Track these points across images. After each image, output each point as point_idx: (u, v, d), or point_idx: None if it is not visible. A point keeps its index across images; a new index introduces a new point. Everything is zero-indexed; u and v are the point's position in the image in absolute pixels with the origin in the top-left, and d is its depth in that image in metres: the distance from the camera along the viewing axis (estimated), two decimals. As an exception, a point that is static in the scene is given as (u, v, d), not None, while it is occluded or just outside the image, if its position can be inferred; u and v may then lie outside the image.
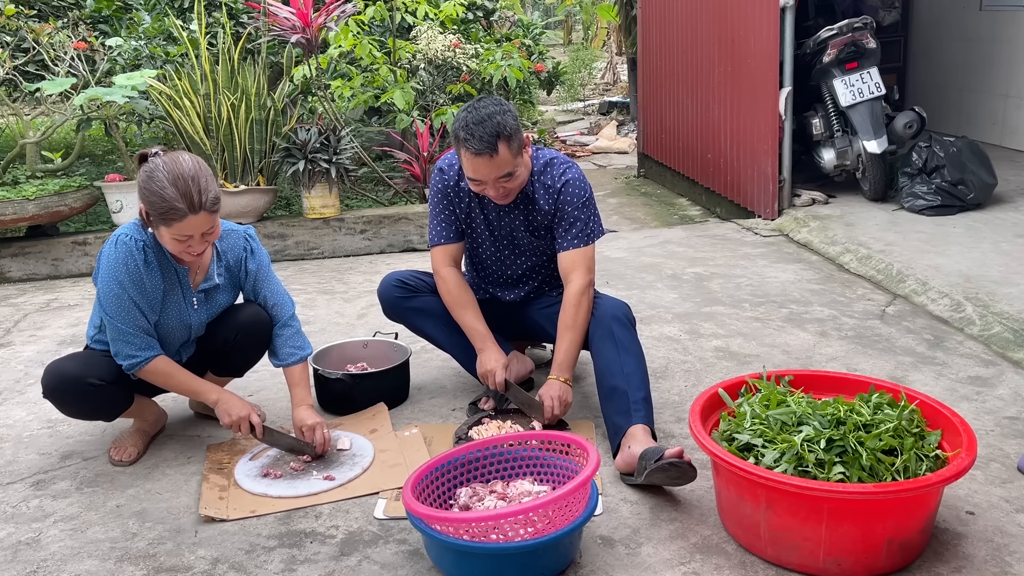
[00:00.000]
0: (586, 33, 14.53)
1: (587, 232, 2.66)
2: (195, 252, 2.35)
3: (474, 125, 2.43)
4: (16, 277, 4.78)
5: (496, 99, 2.52)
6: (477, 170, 2.50)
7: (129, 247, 2.37)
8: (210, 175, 2.32)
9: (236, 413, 2.45)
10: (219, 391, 2.51)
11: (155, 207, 2.25)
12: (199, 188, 2.25)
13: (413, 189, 5.42)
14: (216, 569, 2.06)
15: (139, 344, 2.42)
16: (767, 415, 2.06)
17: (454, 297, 2.74)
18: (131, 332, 2.40)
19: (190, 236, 2.29)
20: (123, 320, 2.38)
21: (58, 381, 2.42)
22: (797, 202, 5.17)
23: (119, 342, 2.42)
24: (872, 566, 1.90)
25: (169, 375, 2.48)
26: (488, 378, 2.66)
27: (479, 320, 2.73)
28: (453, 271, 2.76)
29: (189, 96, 4.85)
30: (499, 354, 2.69)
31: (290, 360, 2.60)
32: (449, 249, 2.76)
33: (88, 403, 2.47)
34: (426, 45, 5.80)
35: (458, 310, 2.74)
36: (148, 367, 2.44)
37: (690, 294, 3.96)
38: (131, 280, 2.37)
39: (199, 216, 2.26)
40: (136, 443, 2.64)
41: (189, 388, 2.52)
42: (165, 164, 2.26)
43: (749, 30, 5.07)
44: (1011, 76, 6.18)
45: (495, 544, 1.88)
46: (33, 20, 6.07)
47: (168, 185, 2.23)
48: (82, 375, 2.41)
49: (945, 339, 3.28)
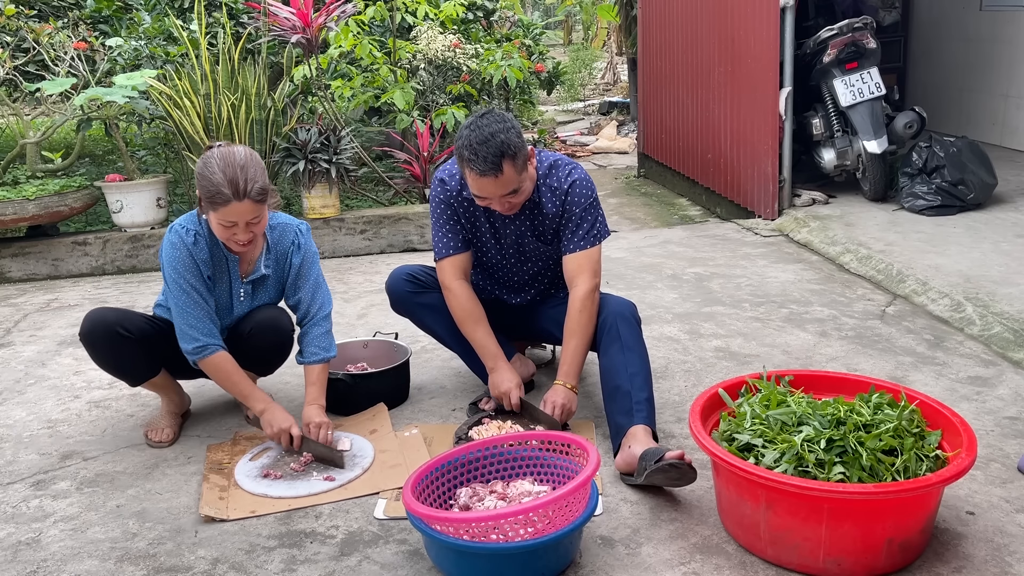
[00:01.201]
0: (586, 33, 14.53)
1: (593, 234, 2.65)
2: (241, 241, 2.44)
3: (478, 145, 2.40)
4: (16, 277, 4.79)
5: (499, 115, 2.47)
6: (483, 189, 2.48)
7: (179, 234, 2.51)
8: (260, 167, 2.42)
9: (278, 426, 2.54)
10: (266, 401, 2.58)
11: (205, 191, 2.38)
12: (246, 177, 2.35)
13: (413, 189, 5.42)
14: (216, 569, 2.06)
15: (202, 329, 2.52)
16: (767, 415, 2.06)
17: (466, 312, 2.71)
18: (194, 316, 2.51)
19: (235, 223, 2.39)
20: (186, 304, 2.51)
21: (91, 324, 2.55)
22: (797, 202, 5.17)
23: (184, 326, 2.52)
24: (872, 566, 1.91)
25: (228, 373, 2.57)
26: (504, 400, 2.66)
27: (490, 337, 2.71)
28: (463, 285, 2.72)
29: (189, 96, 4.85)
30: (511, 373, 2.68)
31: (312, 359, 2.65)
32: (457, 260, 2.72)
33: (114, 352, 2.58)
34: (426, 45, 5.80)
35: (469, 326, 2.71)
36: (210, 359, 2.53)
37: (690, 294, 3.96)
38: (184, 265, 2.49)
39: (243, 203, 2.36)
40: (171, 424, 2.75)
41: (241, 391, 2.58)
42: (220, 152, 2.39)
43: (749, 30, 5.07)
44: (1011, 76, 6.18)
45: (495, 544, 1.88)
46: (33, 20, 6.07)
47: (218, 171, 2.35)
48: (114, 323, 2.54)
49: (945, 339, 3.28)
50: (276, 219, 2.66)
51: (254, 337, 2.64)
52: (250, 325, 2.64)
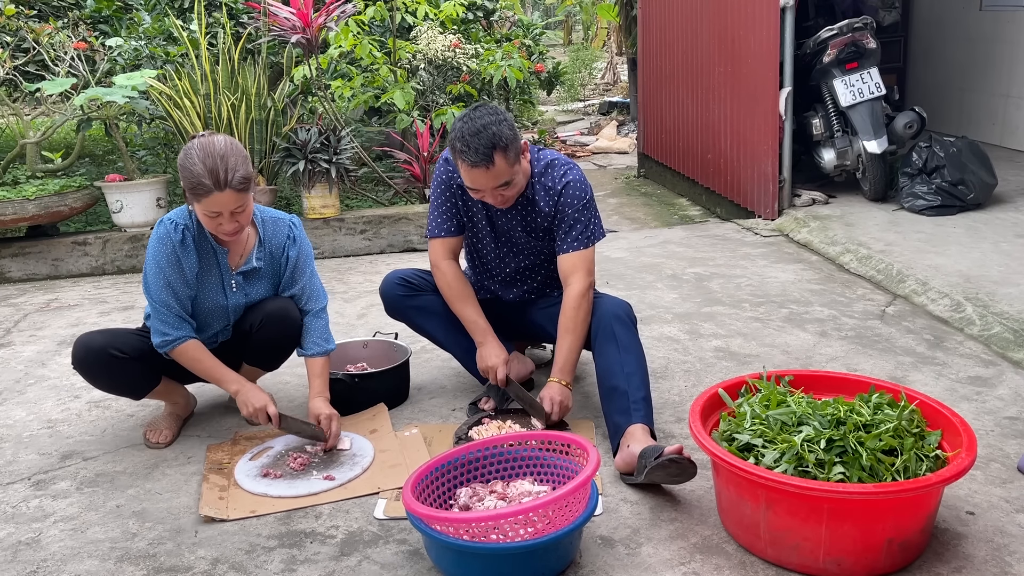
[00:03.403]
0: (586, 33, 14.53)
1: (587, 235, 2.66)
2: (227, 231, 2.43)
3: (470, 136, 2.43)
4: (16, 277, 4.79)
5: (492, 108, 2.50)
6: (474, 181, 2.50)
7: (167, 228, 2.50)
8: (242, 156, 2.40)
9: (253, 404, 2.53)
10: (240, 382, 2.57)
11: (187, 182, 2.36)
12: (227, 166, 2.34)
13: (413, 189, 5.42)
14: (216, 569, 2.06)
15: (172, 324, 2.52)
16: (767, 415, 2.06)
17: (454, 291, 2.74)
18: (165, 311, 2.51)
19: (219, 213, 2.38)
20: (159, 300, 2.50)
21: (84, 352, 2.53)
22: (797, 202, 5.17)
23: (155, 320, 2.53)
24: (872, 566, 1.91)
25: (197, 360, 2.57)
26: (489, 373, 2.67)
27: (479, 314, 2.74)
28: (452, 264, 2.76)
29: (189, 96, 4.85)
30: (499, 349, 2.70)
31: (314, 351, 2.67)
32: (448, 242, 2.76)
33: (112, 375, 2.57)
34: (426, 45, 5.80)
35: (458, 303, 2.74)
36: (179, 348, 2.54)
37: (690, 294, 3.96)
38: (167, 261, 2.48)
39: (225, 193, 2.35)
40: (170, 426, 2.75)
41: (213, 375, 2.59)
42: (200, 143, 2.38)
43: (749, 30, 5.07)
44: (1011, 76, 6.18)
45: (495, 544, 1.88)
46: (33, 20, 6.07)
47: (198, 162, 2.34)
48: (105, 346, 2.52)
49: (945, 339, 3.28)
50: (267, 213, 2.66)
51: (264, 328, 2.64)
52: (260, 316, 2.64)
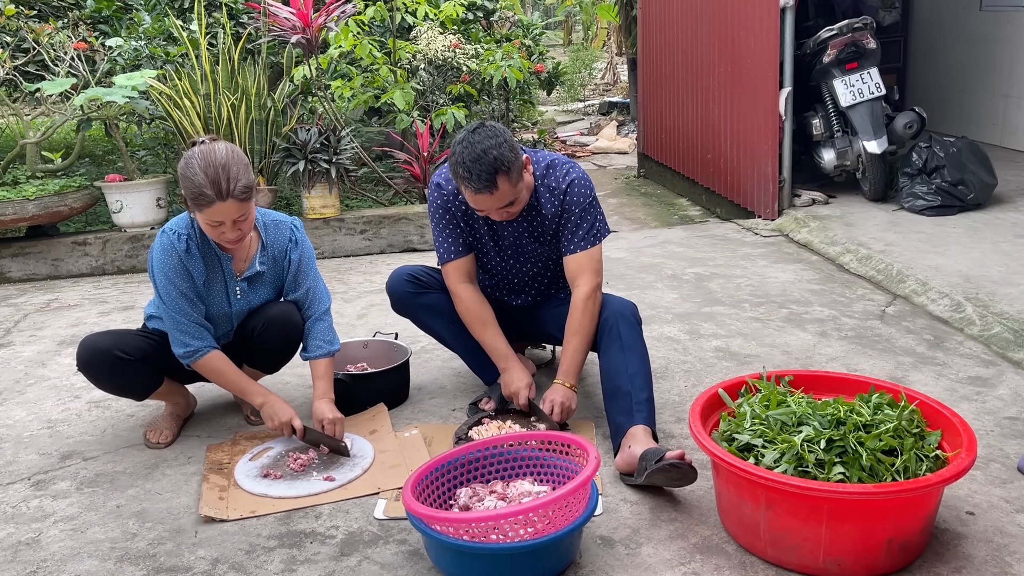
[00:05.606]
0: (586, 33, 14.53)
1: (593, 233, 2.65)
2: (229, 239, 2.42)
3: (471, 163, 2.41)
4: (16, 277, 4.79)
5: (491, 129, 2.45)
6: (479, 204, 2.50)
7: (170, 238, 2.49)
8: (244, 164, 2.38)
9: (280, 418, 2.54)
10: (265, 395, 2.58)
11: (188, 191, 2.35)
12: (228, 176, 2.32)
13: (413, 189, 5.42)
14: (216, 569, 2.06)
15: (192, 333, 2.51)
16: (767, 415, 2.06)
17: (473, 316, 2.72)
18: (184, 322, 2.50)
19: (221, 222, 2.37)
20: (176, 310, 2.49)
21: (89, 353, 2.53)
22: (797, 202, 5.17)
23: (174, 331, 2.52)
24: (872, 566, 1.90)
25: (221, 372, 2.57)
26: (514, 399, 2.67)
27: (500, 338, 2.72)
28: (470, 288, 2.73)
29: (189, 96, 4.85)
30: (523, 373, 2.69)
31: (317, 353, 2.65)
32: (461, 264, 2.73)
33: (116, 376, 2.57)
34: (426, 45, 5.80)
35: (478, 328, 2.73)
36: (202, 360, 2.53)
37: (690, 294, 3.96)
38: (175, 271, 2.48)
39: (227, 203, 2.33)
40: (170, 426, 2.75)
41: (238, 387, 2.59)
42: (201, 151, 2.35)
43: (749, 30, 5.07)
44: (1011, 76, 6.18)
45: (495, 544, 1.88)
46: (33, 20, 6.07)
47: (199, 172, 2.31)
48: (111, 348, 2.52)
49: (945, 339, 3.28)
50: (268, 216, 2.66)
51: (267, 332, 2.63)
52: (262, 320, 2.63)
